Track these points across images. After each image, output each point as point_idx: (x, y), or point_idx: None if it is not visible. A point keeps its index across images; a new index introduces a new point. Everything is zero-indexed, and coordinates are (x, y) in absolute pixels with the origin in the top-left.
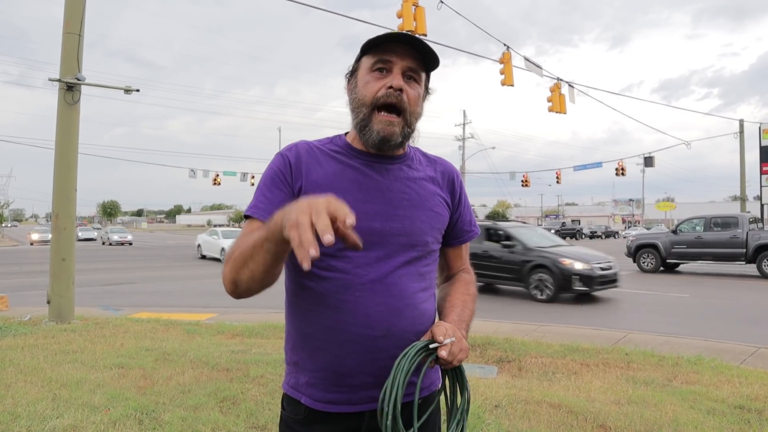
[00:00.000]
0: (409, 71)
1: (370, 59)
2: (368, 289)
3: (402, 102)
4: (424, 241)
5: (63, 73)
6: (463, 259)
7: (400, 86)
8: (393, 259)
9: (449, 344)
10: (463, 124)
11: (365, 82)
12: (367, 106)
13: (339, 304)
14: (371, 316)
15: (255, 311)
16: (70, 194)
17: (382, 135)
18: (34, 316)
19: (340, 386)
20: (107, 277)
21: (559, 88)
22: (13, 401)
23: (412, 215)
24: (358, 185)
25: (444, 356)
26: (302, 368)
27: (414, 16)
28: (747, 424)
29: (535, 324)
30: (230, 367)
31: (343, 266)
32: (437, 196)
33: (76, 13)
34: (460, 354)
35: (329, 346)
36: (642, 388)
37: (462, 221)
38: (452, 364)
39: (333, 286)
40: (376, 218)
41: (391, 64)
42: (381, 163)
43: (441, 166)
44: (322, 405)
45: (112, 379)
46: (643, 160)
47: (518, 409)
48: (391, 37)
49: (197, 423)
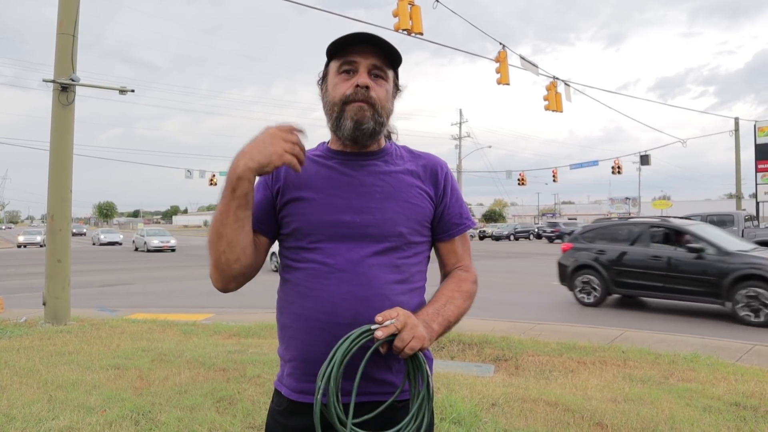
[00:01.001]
0: (375, 69)
1: (337, 62)
2: (335, 278)
3: (370, 98)
4: (397, 231)
5: (57, 74)
6: (458, 255)
7: (366, 83)
8: (363, 249)
9: (390, 326)
10: (460, 123)
11: (334, 84)
12: (337, 104)
13: (308, 293)
14: (337, 303)
15: (251, 311)
16: (65, 195)
17: (355, 119)
18: (30, 318)
19: (310, 375)
20: (103, 278)
21: (555, 87)
22: (8, 403)
23: (384, 206)
24: (330, 182)
25: (379, 336)
26: (283, 359)
27: (410, 14)
28: (743, 421)
29: (531, 322)
30: (227, 367)
31: (314, 257)
32: (415, 188)
33: (70, 13)
34: (413, 342)
35: (299, 334)
36: (638, 386)
37: (449, 214)
38: (404, 351)
39: (304, 275)
40: (347, 211)
41: (356, 64)
42: (356, 161)
43: (424, 159)
44: (296, 395)
45: (108, 380)
46: (639, 159)
47: (515, 407)
48: (351, 38)
49: (194, 423)
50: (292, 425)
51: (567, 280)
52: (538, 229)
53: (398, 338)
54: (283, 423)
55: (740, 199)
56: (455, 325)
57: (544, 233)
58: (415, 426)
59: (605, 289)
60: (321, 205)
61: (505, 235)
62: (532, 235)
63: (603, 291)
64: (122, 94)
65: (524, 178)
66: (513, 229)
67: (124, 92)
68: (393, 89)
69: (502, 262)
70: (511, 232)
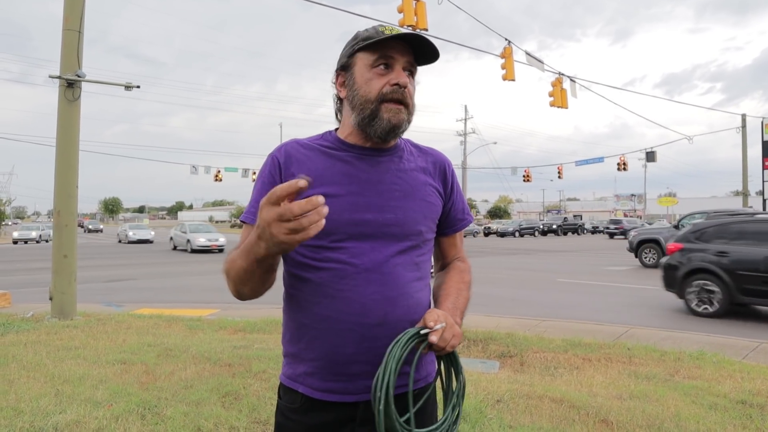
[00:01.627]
0: (409, 67)
1: (370, 56)
2: (363, 278)
3: (406, 97)
4: (417, 230)
5: (63, 70)
6: (458, 248)
7: (406, 83)
8: (387, 249)
9: (440, 330)
10: (465, 119)
11: (367, 79)
12: (372, 102)
13: (335, 294)
14: (366, 304)
15: (257, 307)
16: (71, 191)
17: (393, 123)
18: (37, 313)
19: (337, 375)
20: (109, 273)
21: (560, 83)
22: (16, 397)
23: (404, 206)
24: (349, 178)
25: (434, 341)
26: (300, 359)
27: (415, 10)
28: (749, 419)
29: (536, 319)
30: (232, 362)
31: (339, 257)
32: (429, 186)
33: (76, 9)
34: (453, 340)
35: (326, 335)
36: (644, 383)
37: (455, 210)
38: (445, 349)
39: (329, 276)
40: (370, 210)
41: (393, 60)
42: (372, 156)
43: (432, 156)
44: (320, 394)
45: (114, 374)
46: (645, 155)
47: (520, 403)
48: (399, 37)
49: (199, 418)
50: (312, 422)
51: (676, 287)
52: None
53: (441, 339)
54: (299, 420)
55: (747, 197)
56: None
57: (606, 230)
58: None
59: (728, 297)
60: (343, 203)
61: (510, 231)
62: (537, 231)
63: (725, 299)
64: (128, 90)
65: (529, 174)
66: (518, 226)
67: (129, 88)
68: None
69: (507, 259)
70: (516, 229)
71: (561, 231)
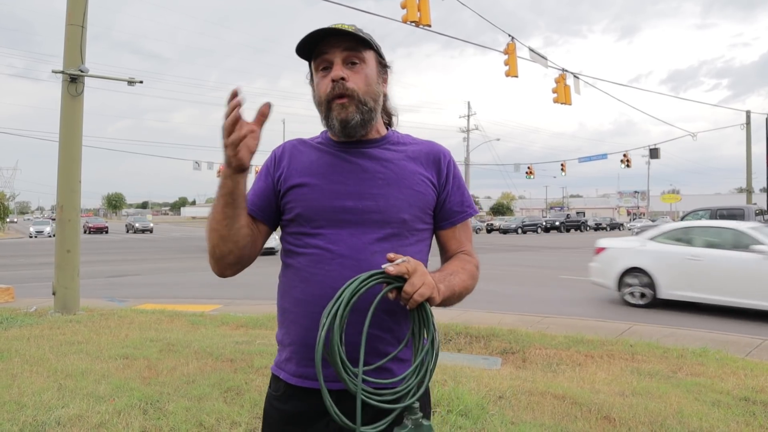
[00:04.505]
0: (349, 58)
1: (314, 62)
2: (338, 263)
3: (347, 89)
4: (400, 218)
5: (66, 65)
6: (459, 241)
7: (339, 76)
8: (366, 235)
9: (402, 264)
10: (468, 116)
11: (316, 83)
12: (323, 103)
13: (310, 277)
14: (338, 289)
15: (259, 302)
16: (74, 186)
17: (340, 118)
18: (40, 308)
19: (309, 360)
20: (112, 268)
21: (564, 79)
22: (19, 391)
23: (386, 193)
24: (332, 168)
25: (391, 271)
26: (282, 344)
27: (418, 6)
28: (752, 416)
29: (539, 315)
30: (234, 357)
31: (317, 243)
32: (419, 175)
33: (79, 4)
34: (423, 288)
35: (300, 318)
36: (646, 380)
37: (451, 202)
38: (413, 298)
39: (307, 260)
40: (349, 197)
41: (329, 57)
42: (358, 148)
43: (427, 146)
44: (295, 379)
45: (116, 369)
46: (649, 152)
47: (522, 400)
48: (310, 37)
49: (201, 413)
50: (289, 410)
51: None
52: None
53: (408, 283)
54: (279, 408)
55: (751, 194)
56: (457, 302)
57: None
58: (416, 381)
59: None
60: (323, 191)
61: (512, 228)
62: (540, 228)
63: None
64: (131, 85)
65: (532, 170)
66: (521, 223)
67: (132, 83)
68: (377, 68)
69: (510, 255)
70: (518, 226)
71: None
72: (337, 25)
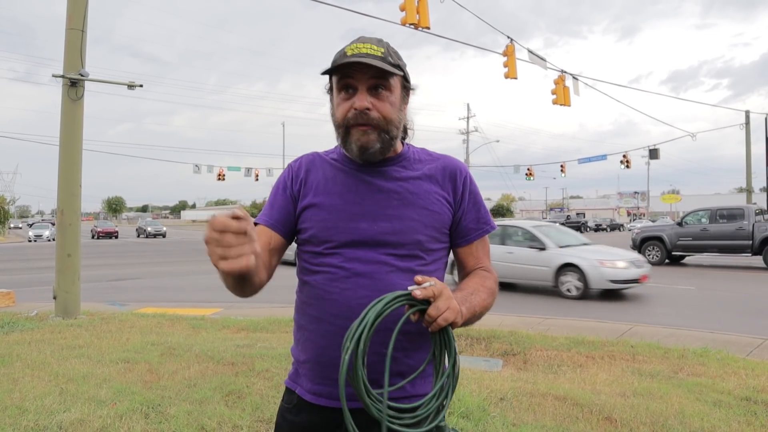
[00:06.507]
0: (374, 85)
1: (337, 80)
2: (353, 282)
3: (370, 120)
4: (415, 239)
5: (66, 69)
6: (477, 257)
7: (364, 107)
8: (381, 256)
9: (429, 288)
10: (467, 118)
11: (337, 103)
12: (341, 126)
13: (325, 295)
14: (354, 308)
15: (260, 306)
16: (74, 190)
17: (359, 144)
18: (41, 312)
19: (324, 378)
20: (113, 272)
21: (563, 81)
22: (20, 395)
23: (401, 214)
24: (347, 187)
25: (418, 295)
26: (298, 360)
27: (417, 9)
28: (753, 416)
29: (540, 317)
30: (235, 361)
31: (333, 261)
32: (434, 194)
33: (79, 8)
34: (447, 312)
35: (315, 337)
36: (648, 381)
37: (467, 219)
38: (437, 321)
39: (323, 279)
40: (364, 218)
41: (355, 82)
42: (373, 166)
43: (443, 162)
44: (310, 396)
45: (118, 373)
46: (648, 153)
47: (523, 401)
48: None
49: (203, 417)
50: (300, 422)
51: None
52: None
53: (433, 306)
54: (291, 420)
55: (751, 193)
56: (478, 320)
57: None
58: (436, 405)
59: None
60: (338, 212)
61: None
62: None
63: None
64: (131, 89)
65: (532, 172)
66: None
67: (132, 87)
68: (401, 93)
69: None
70: None
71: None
72: (366, 46)
